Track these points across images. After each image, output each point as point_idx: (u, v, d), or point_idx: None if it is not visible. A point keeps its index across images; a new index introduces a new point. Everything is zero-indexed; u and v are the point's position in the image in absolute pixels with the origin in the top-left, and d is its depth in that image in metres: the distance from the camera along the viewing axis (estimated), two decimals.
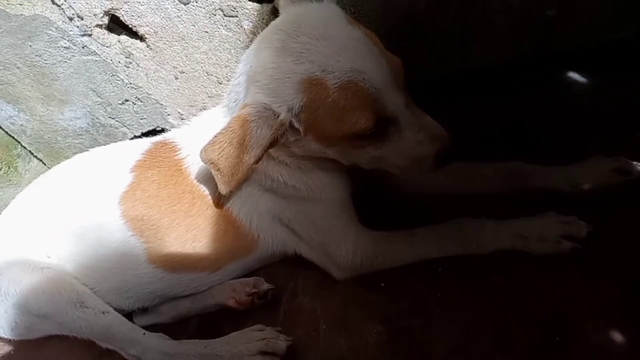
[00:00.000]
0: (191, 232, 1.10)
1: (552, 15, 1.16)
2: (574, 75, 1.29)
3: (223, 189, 0.94)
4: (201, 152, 0.90)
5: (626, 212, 0.97)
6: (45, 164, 1.69)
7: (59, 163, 1.31)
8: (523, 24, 1.18)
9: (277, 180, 1.04)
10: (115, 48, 1.30)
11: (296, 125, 0.89)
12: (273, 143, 0.90)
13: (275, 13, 1.02)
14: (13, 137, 1.60)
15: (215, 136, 0.89)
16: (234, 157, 0.87)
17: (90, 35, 1.28)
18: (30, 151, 1.65)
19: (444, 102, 0.96)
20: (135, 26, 1.24)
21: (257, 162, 0.90)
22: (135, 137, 1.55)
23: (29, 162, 1.67)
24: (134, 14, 1.21)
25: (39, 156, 1.67)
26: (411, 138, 0.90)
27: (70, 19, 1.25)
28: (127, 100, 1.44)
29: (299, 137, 0.92)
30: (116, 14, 1.22)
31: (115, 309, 1.11)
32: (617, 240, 0.94)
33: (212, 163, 0.90)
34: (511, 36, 1.21)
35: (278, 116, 0.87)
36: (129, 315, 1.20)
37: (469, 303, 0.96)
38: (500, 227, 0.99)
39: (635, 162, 0.99)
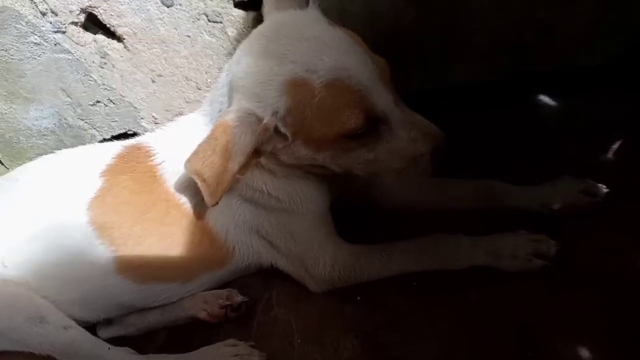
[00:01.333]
0: (164, 242, 1.07)
1: (529, 39, 1.21)
2: (544, 98, 1.36)
3: (209, 201, 0.89)
4: (186, 163, 0.87)
5: (592, 233, 1.01)
6: (4, 165, 1.59)
7: (20, 164, 1.25)
8: (501, 46, 1.23)
9: (259, 190, 1.02)
10: (90, 47, 1.25)
11: (282, 129, 0.87)
12: (258, 150, 0.88)
13: (261, 21, 1.01)
14: None
15: (199, 145, 0.86)
16: (218, 165, 0.84)
17: (64, 32, 1.22)
18: None
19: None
20: (113, 26, 1.20)
21: (241, 170, 0.87)
22: (105, 140, 1.49)
23: None
24: (113, 13, 1.18)
25: None
26: (404, 136, 0.87)
27: (43, 14, 1.19)
28: (98, 102, 1.39)
29: (287, 143, 0.89)
30: (94, 12, 1.18)
31: (79, 321, 1.05)
32: (584, 259, 0.97)
33: (196, 174, 0.87)
34: (489, 57, 1.26)
35: (262, 121, 0.85)
36: (92, 326, 1.14)
37: (445, 318, 0.97)
38: (475, 243, 1.01)
39: (600, 185, 1.04)
